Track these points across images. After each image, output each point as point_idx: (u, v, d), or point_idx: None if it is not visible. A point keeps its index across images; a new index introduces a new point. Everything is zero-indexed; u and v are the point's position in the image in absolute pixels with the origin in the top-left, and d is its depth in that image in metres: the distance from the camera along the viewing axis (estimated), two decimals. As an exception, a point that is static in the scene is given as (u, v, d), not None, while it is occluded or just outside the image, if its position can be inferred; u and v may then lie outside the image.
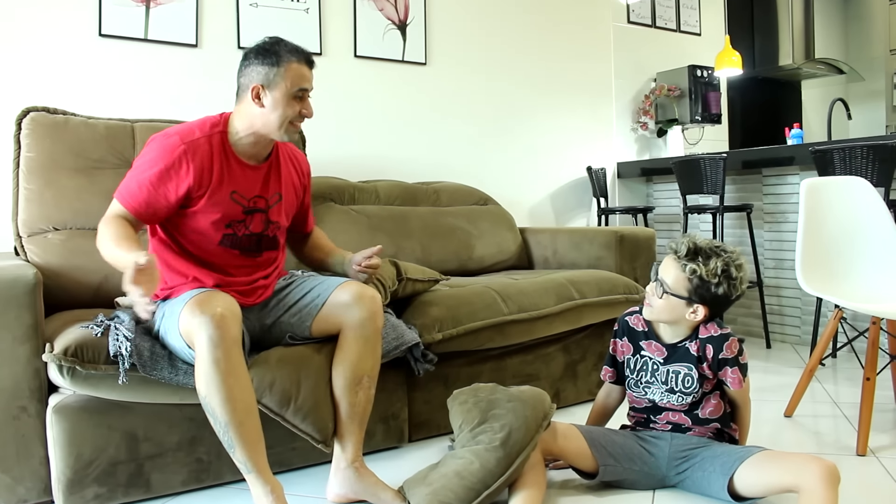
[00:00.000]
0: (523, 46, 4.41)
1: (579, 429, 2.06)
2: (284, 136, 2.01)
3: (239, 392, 1.76)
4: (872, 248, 2.66)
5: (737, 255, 1.92)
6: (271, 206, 2.12)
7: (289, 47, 1.99)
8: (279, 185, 2.14)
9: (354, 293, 2.03)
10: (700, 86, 4.95)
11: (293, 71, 1.97)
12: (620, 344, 2.11)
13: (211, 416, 1.77)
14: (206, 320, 1.73)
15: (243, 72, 2.01)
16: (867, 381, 2.33)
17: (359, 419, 2.04)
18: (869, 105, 6.75)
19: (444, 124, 4.08)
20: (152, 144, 1.98)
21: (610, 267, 3.19)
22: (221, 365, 1.73)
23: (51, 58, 2.97)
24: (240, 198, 2.03)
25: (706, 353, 1.93)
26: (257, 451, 1.79)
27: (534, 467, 1.90)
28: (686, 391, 1.95)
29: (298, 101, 1.99)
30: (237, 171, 2.03)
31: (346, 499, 2.01)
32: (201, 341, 1.73)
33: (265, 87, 1.96)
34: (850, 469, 2.15)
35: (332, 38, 3.68)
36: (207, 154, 1.97)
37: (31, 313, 1.89)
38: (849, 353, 3.65)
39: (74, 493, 1.90)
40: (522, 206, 4.39)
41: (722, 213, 3.85)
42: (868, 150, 3.11)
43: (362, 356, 2.03)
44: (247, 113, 2.00)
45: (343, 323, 2.03)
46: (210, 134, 2.00)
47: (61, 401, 1.90)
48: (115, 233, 1.85)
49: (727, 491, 1.85)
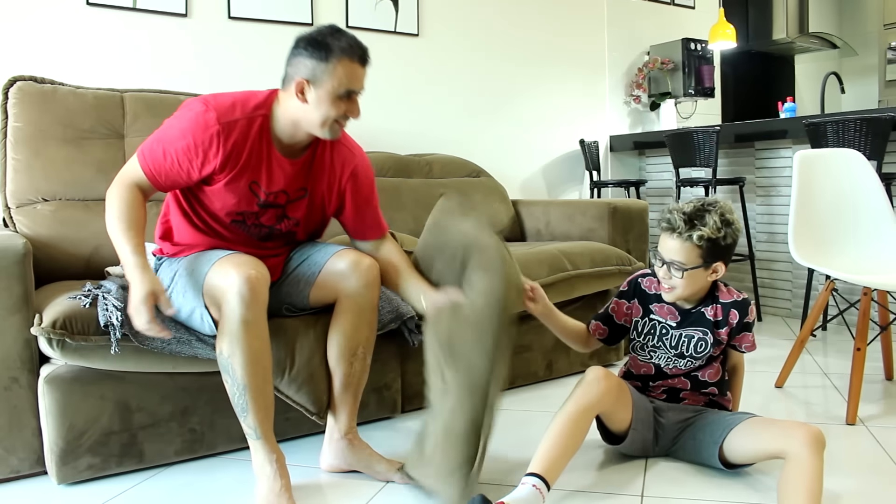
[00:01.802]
0: (517, 18, 4.37)
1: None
2: (327, 134, 1.86)
3: (263, 356, 1.76)
4: (864, 221, 2.66)
5: (722, 203, 1.90)
6: (292, 200, 1.98)
7: (342, 43, 1.81)
8: (308, 180, 1.99)
9: (351, 261, 1.97)
10: (693, 59, 4.92)
11: (343, 69, 1.80)
12: (627, 306, 2.06)
13: (230, 377, 1.75)
14: (240, 280, 1.70)
15: (291, 61, 1.84)
16: (858, 352, 2.34)
17: (353, 390, 2.02)
18: (862, 80, 6.75)
19: (436, 96, 4.05)
20: (187, 112, 1.83)
21: (602, 239, 3.19)
22: (250, 326, 1.72)
23: (38, 27, 2.93)
24: (258, 189, 1.91)
25: (729, 318, 1.93)
26: (268, 418, 1.80)
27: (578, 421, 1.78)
28: (697, 356, 1.94)
29: (345, 101, 1.84)
30: (267, 161, 1.89)
31: (340, 469, 2.01)
32: (232, 300, 1.71)
33: (310, 83, 1.80)
34: (839, 438, 2.17)
35: (324, 8, 3.64)
36: (242, 138, 1.83)
37: (21, 284, 1.88)
38: (839, 325, 3.67)
39: (67, 464, 1.90)
40: (515, 178, 4.38)
41: (714, 186, 3.85)
42: (861, 123, 3.11)
43: (357, 326, 1.99)
44: (290, 104, 1.85)
45: (339, 291, 1.98)
46: (251, 116, 1.85)
47: (53, 371, 1.89)
48: (126, 214, 1.79)
49: (718, 458, 1.87)
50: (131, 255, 1.73)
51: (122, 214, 1.79)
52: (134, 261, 1.72)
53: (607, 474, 1.96)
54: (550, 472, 1.68)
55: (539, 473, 1.67)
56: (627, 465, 2.00)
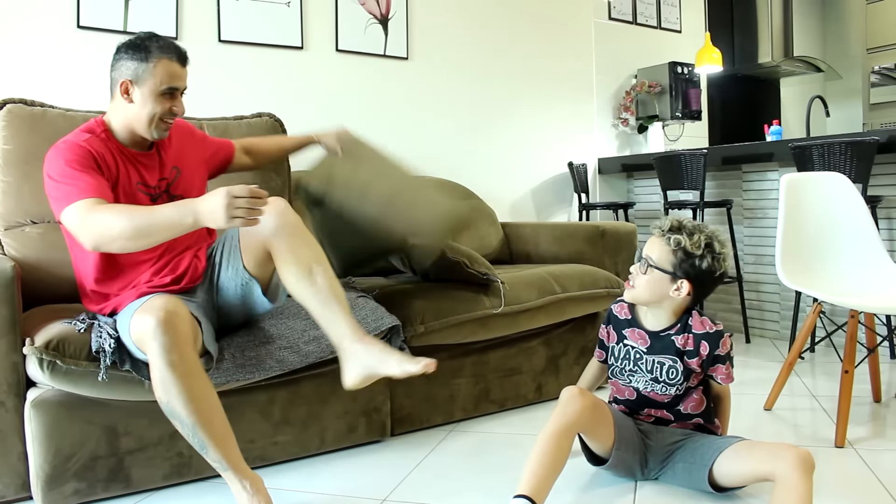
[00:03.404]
0: (505, 42, 4.41)
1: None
2: (154, 133, 2.00)
3: (200, 391, 1.74)
4: (851, 243, 2.69)
5: (720, 233, 1.94)
6: (171, 182, 2.12)
7: (160, 43, 1.98)
8: (172, 159, 2.15)
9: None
10: (680, 82, 4.97)
11: (162, 67, 1.96)
12: (607, 331, 2.11)
13: (177, 421, 1.74)
14: (153, 326, 1.70)
15: (114, 66, 2.00)
16: (846, 374, 2.35)
17: (335, 300, 1.93)
18: (846, 103, 6.82)
19: (425, 119, 4.07)
20: (53, 159, 1.92)
21: (591, 261, 3.20)
22: (177, 367, 1.70)
23: (28, 50, 2.93)
24: (145, 187, 2.04)
25: (700, 349, 1.93)
26: (228, 447, 1.78)
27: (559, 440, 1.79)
28: (670, 382, 1.95)
29: (168, 98, 1.99)
30: (134, 162, 2.03)
31: (364, 377, 1.91)
32: (153, 348, 1.70)
33: (134, 83, 1.96)
34: (828, 461, 2.17)
35: (314, 31, 3.67)
36: (104, 152, 1.97)
37: (9, 307, 1.87)
38: (827, 347, 3.68)
39: (53, 489, 1.88)
40: (504, 201, 4.39)
41: (702, 208, 3.88)
42: (846, 146, 3.15)
43: (295, 249, 1.93)
44: (119, 108, 2.01)
45: (264, 239, 1.95)
46: (97, 136, 1.99)
47: (39, 395, 1.88)
48: (126, 208, 1.83)
49: (708, 482, 1.86)
50: (174, 206, 1.80)
51: (127, 210, 1.81)
52: (182, 202, 1.80)
53: (597, 497, 1.95)
54: (538, 492, 1.68)
55: (527, 495, 1.66)
56: (617, 488, 1.99)
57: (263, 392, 2.16)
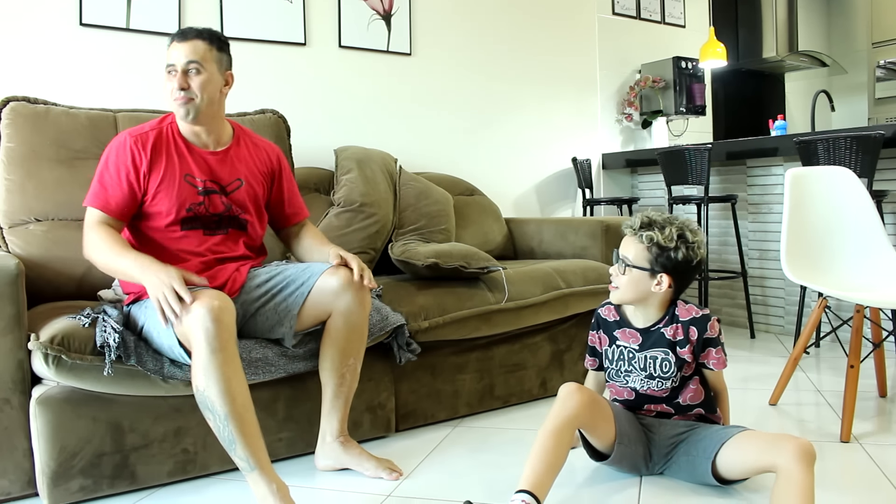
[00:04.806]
0: (508, 37, 4.40)
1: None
2: (180, 112, 2.08)
3: (237, 384, 1.75)
4: (856, 238, 2.68)
5: (691, 222, 1.96)
6: (230, 191, 2.15)
7: (177, 31, 2.12)
8: (238, 171, 2.19)
9: (344, 280, 2.04)
10: (684, 77, 4.96)
11: (168, 51, 2.08)
12: (597, 336, 2.12)
13: (209, 412, 1.74)
14: (203, 313, 1.72)
15: None
16: (851, 369, 2.35)
17: (344, 397, 2.12)
18: (851, 97, 6.80)
19: (429, 115, 4.07)
20: (107, 149, 2.08)
21: (595, 257, 3.19)
22: (219, 356, 1.72)
23: (31, 47, 2.93)
24: (193, 179, 2.09)
25: (689, 334, 1.94)
26: (258, 446, 1.76)
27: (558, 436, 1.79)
28: (665, 376, 1.95)
29: (172, 76, 2.06)
30: (189, 155, 2.10)
31: (333, 468, 2.14)
32: (199, 334, 1.72)
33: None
34: (834, 455, 2.17)
35: (317, 27, 3.66)
36: (158, 142, 2.07)
37: (14, 304, 1.87)
38: (832, 342, 3.68)
39: (59, 486, 1.88)
40: (508, 196, 4.39)
41: (707, 203, 3.87)
42: (851, 140, 3.13)
43: (350, 340, 2.08)
44: None
45: (332, 310, 2.06)
46: (160, 127, 2.11)
47: (45, 392, 1.88)
48: (109, 243, 1.92)
49: (711, 474, 1.86)
50: (135, 260, 1.86)
51: (106, 244, 1.92)
52: (143, 261, 1.86)
53: (601, 492, 1.95)
54: (539, 487, 1.68)
55: (529, 490, 1.67)
56: (622, 483, 1.99)
57: (268, 389, 2.17)
